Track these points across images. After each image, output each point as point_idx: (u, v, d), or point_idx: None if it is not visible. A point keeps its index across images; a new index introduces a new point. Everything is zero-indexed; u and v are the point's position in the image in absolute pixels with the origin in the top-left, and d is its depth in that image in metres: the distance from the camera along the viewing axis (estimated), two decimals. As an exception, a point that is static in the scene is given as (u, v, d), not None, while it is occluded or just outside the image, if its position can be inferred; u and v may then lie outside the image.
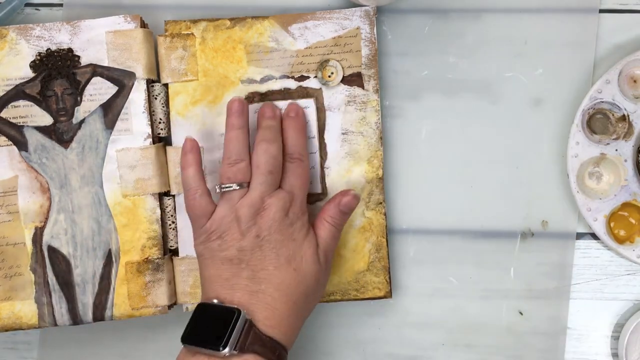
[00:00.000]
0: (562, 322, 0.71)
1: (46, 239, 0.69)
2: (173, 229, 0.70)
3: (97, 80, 0.69)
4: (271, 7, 0.72)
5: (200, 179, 0.65)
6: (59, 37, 0.69)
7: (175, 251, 0.71)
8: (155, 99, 0.70)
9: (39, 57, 0.69)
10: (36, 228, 0.69)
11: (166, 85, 0.70)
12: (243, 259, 0.62)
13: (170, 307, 0.70)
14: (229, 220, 0.63)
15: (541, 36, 0.72)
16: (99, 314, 0.69)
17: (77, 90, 0.69)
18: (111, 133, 0.69)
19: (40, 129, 0.69)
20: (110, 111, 0.69)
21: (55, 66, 0.69)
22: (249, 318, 0.60)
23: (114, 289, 0.69)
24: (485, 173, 0.72)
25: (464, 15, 0.72)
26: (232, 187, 0.63)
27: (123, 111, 0.69)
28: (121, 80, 0.69)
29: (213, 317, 0.61)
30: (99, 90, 0.69)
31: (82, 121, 0.69)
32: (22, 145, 0.69)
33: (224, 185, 0.64)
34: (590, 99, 0.69)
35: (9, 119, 0.69)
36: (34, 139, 0.69)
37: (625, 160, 0.70)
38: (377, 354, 0.72)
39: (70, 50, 0.69)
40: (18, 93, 0.69)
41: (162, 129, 0.70)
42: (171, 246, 0.71)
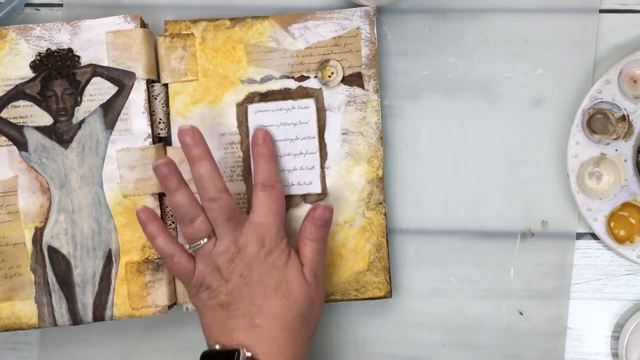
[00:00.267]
0: (562, 322, 0.71)
1: (46, 239, 0.69)
2: (173, 229, 0.70)
3: (97, 80, 0.69)
4: (271, 7, 0.72)
5: (171, 242, 0.65)
6: (59, 37, 0.69)
7: (175, 251, 0.71)
8: (155, 99, 0.70)
9: (39, 57, 0.69)
10: (36, 228, 0.69)
11: (166, 85, 0.70)
12: (233, 301, 0.63)
13: (170, 307, 0.70)
14: (210, 272, 0.64)
15: (541, 36, 0.72)
16: (99, 314, 0.69)
17: (77, 90, 0.69)
18: (111, 133, 0.69)
19: (40, 129, 0.69)
20: (110, 111, 0.69)
21: (55, 66, 0.69)
22: (250, 354, 0.61)
23: (114, 289, 0.69)
24: (485, 173, 0.72)
25: (463, 15, 0.72)
26: (200, 243, 0.64)
27: (123, 111, 0.69)
28: (121, 80, 0.69)
29: None
30: (99, 90, 0.69)
31: (82, 121, 0.69)
32: (22, 145, 0.69)
33: (192, 245, 0.65)
34: (590, 99, 0.69)
35: (9, 119, 0.69)
36: (34, 139, 0.69)
37: (625, 160, 0.70)
38: (377, 354, 0.72)
39: (70, 50, 0.69)
40: (18, 93, 0.69)
41: (162, 129, 0.70)
42: (171, 246, 0.71)
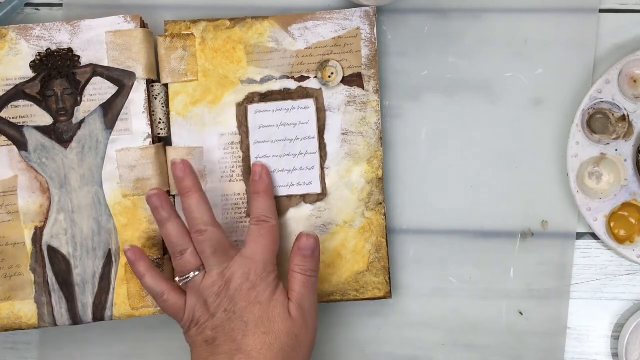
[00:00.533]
0: (562, 322, 0.71)
1: (46, 239, 0.69)
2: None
3: (97, 80, 0.69)
4: (271, 8, 0.72)
5: (159, 280, 0.66)
6: (59, 37, 0.69)
7: (175, 251, 0.71)
8: (155, 99, 0.70)
9: (39, 57, 0.69)
10: (36, 228, 0.69)
11: (166, 85, 0.70)
12: (217, 336, 0.63)
13: (170, 307, 0.70)
14: (199, 307, 0.64)
15: (541, 36, 0.71)
16: (99, 314, 0.69)
17: (77, 90, 0.69)
18: (111, 133, 0.69)
19: (40, 129, 0.69)
20: (110, 111, 0.69)
21: (55, 66, 0.69)
22: None
23: (113, 289, 0.69)
24: (485, 173, 0.72)
25: (464, 15, 0.72)
26: (189, 276, 0.64)
27: (123, 111, 0.69)
28: (121, 80, 0.69)
29: None
30: (99, 90, 0.69)
31: (82, 121, 0.69)
32: (22, 145, 0.69)
33: (182, 278, 0.65)
34: (590, 99, 0.69)
35: (9, 119, 0.69)
36: (33, 138, 0.69)
37: (625, 160, 0.70)
38: (377, 354, 0.72)
39: (70, 50, 0.69)
40: (18, 93, 0.69)
41: (162, 129, 0.70)
42: (171, 246, 0.71)
